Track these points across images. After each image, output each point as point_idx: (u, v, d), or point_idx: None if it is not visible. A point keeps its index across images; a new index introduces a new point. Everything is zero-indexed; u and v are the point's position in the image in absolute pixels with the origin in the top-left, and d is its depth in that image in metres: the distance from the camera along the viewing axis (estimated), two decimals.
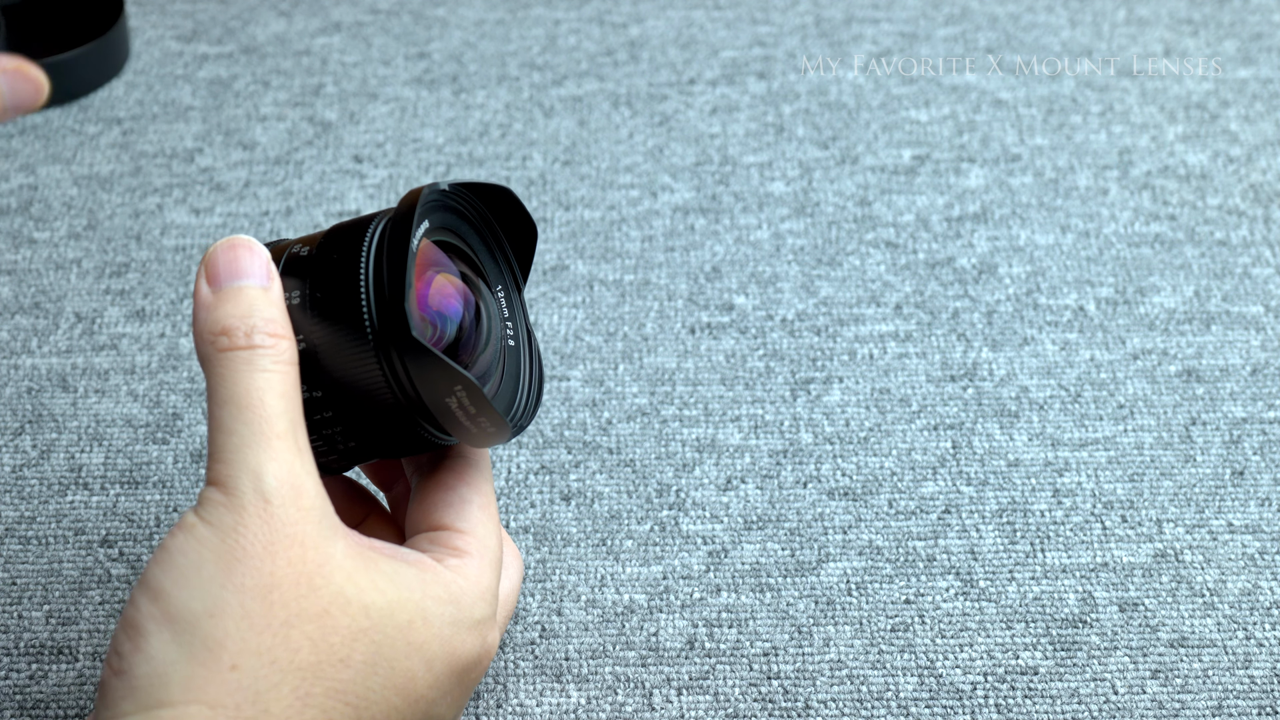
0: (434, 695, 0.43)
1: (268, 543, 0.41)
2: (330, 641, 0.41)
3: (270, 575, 0.40)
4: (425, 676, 0.43)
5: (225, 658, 0.39)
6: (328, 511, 0.42)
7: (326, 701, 0.41)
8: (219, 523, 0.41)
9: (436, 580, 0.44)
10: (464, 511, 0.47)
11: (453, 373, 0.42)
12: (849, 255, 0.70)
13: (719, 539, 0.58)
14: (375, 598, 0.42)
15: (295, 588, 0.41)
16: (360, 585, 0.42)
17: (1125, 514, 0.59)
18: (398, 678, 0.42)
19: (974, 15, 0.86)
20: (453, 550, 0.46)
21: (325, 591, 0.41)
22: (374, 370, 0.43)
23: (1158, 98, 0.80)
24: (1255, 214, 0.72)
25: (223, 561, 0.40)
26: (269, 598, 0.40)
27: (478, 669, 0.45)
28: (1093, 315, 0.67)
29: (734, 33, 0.84)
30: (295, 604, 0.40)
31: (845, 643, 0.54)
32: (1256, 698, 0.53)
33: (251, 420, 0.41)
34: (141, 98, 0.79)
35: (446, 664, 0.44)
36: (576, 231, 0.71)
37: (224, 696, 0.39)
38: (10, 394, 0.63)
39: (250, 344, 0.42)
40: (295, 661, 0.40)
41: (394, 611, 0.42)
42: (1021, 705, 0.52)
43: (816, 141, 0.77)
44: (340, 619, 0.41)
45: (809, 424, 0.62)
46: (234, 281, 0.43)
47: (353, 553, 0.42)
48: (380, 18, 0.85)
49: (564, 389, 0.63)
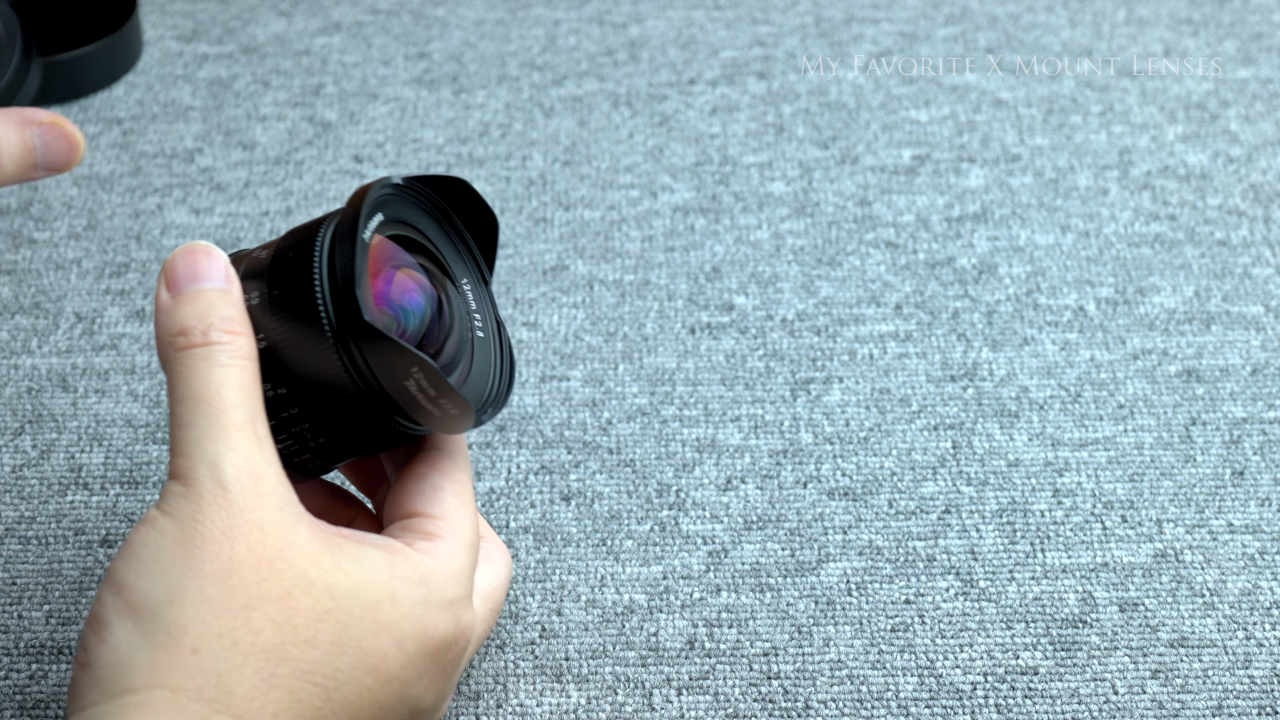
0: (408, 675, 0.43)
1: (226, 528, 0.41)
2: (294, 623, 0.41)
3: (229, 560, 0.41)
4: (397, 656, 0.43)
5: (186, 642, 0.40)
6: (289, 499, 0.43)
7: (293, 682, 0.41)
8: (178, 513, 0.41)
9: (405, 562, 0.44)
10: (436, 498, 0.47)
11: (408, 355, 0.42)
12: (849, 255, 0.70)
13: (719, 539, 0.58)
14: (340, 579, 0.42)
15: (255, 571, 0.41)
16: (324, 568, 0.42)
17: (1125, 514, 0.59)
18: (367, 657, 0.42)
19: (974, 15, 0.86)
20: (424, 534, 0.46)
21: (287, 574, 0.41)
22: (334, 361, 0.43)
23: (1158, 98, 0.80)
24: (1255, 214, 0.72)
25: (182, 549, 0.41)
26: (228, 581, 0.40)
27: (453, 649, 0.45)
28: (1093, 315, 0.67)
29: (734, 33, 0.84)
30: (256, 587, 0.41)
31: (845, 643, 0.54)
32: (1256, 698, 0.53)
33: (209, 413, 0.42)
34: (141, 98, 0.79)
35: (418, 643, 0.43)
36: (576, 231, 0.71)
37: (186, 680, 0.39)
38: (10, 394, 0.63)
39: (207, 341, 0.43)
40: (258, 643, 0.40)
41: (360, 592, 0.42)
42: (1021, 705, 0.52)
43: (816, 141, 0.77)
44: (303, 600, 0.41)
45: (809, 424, 0.62)
46: (192, 285, 0.44)
47: (317, 537, 0.42)
48: (380, 18, 0.85)
49: (564, 389, 0.63)
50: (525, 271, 0.69)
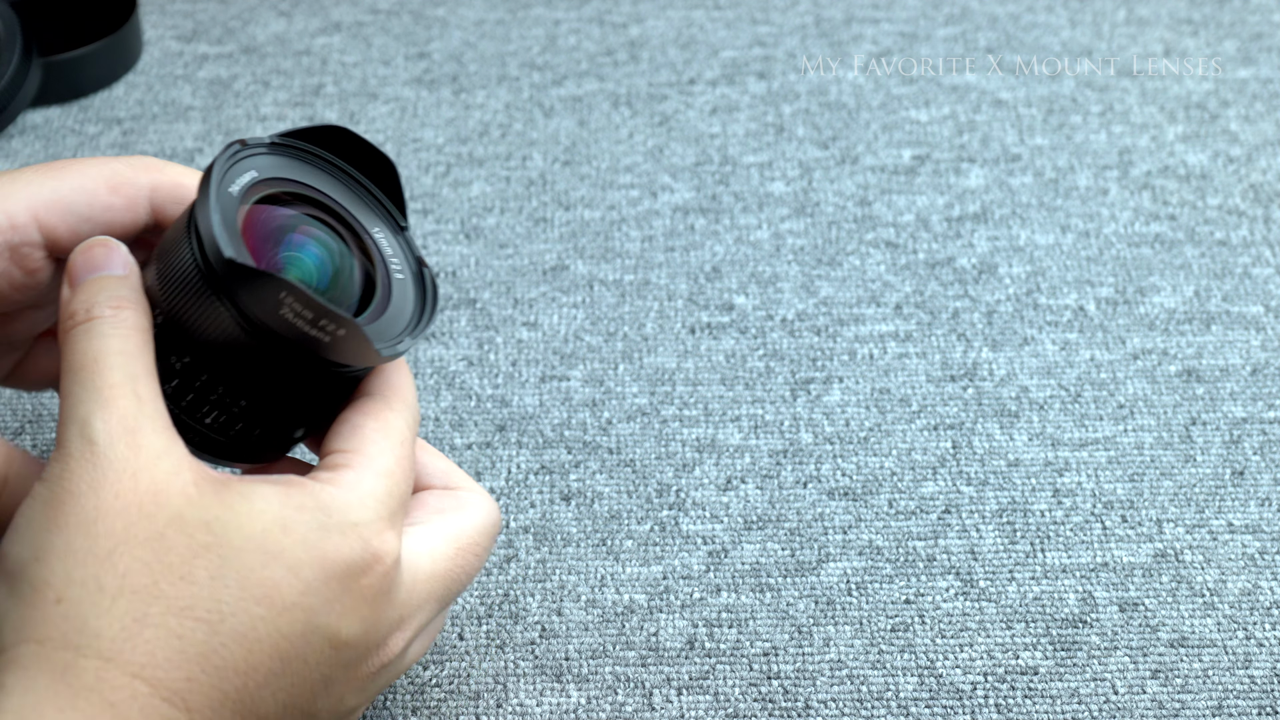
0: (312, 603, 0.42)
1: (92, 481, 0.41)
2: (166, 561, 0.40)
3: (94, 509, 0.41)
4: (293, 583, 0.42)
5: (50, 594, 0.40)
6: (172, 451, 0.42)
7: (169, 619, 0.40)
8: (48, 476, 0.41)
9: (301, 491, 0.43)
10: (353, 435, 0.46)
11: (273, 281, 0.42)
12: (849, 255, 0.70)
13: (719, 539, 0.58)
14: (220, 513, 0.41)
15: (123, 516, 0.41)
16: (204, 506, 0.41)
17: (1125, 514, 0.59)
18: (255, 588, 0.41)
19: (974, 15, 0.86)
20: (330, 467, 0.45)
21: (160, 516, 0.41)
22: (218, 311, 0.44)
23: (1158, 98, 0.80)
24: (1255, 214, 0.72)
25: (49, 508, 0.41)
26: (92, 530, 0.40)
27: (370, 574, 0.43)
28: (1093, 315, 0.67)
29: (734, 33, 0.84)
30: (124, 531, 0.40)
31: (845, 643, 0.54)
32: (1256, 698, 0.53)
33: (85, 380, 0.42)
34: (141, 98, 0.79)
35: (317, 569, 0.42)
36: (576, 231, 0.71)
37: (50, 630, 0.39)
38: (10, 394, 0.63)
39: (89, 317, 0.44)
40: (126, 584, 0.40)
41: (243, 525, 0.42)
42: (1021, 705, 0.52)
43: (816, 141, 0.77)
44: (177, 539, 0.41)
45: (809, 424, 0.62)
46: (89, 275, 0.45)
47: (202, 482, 0.42)
48: (380, 18, 0.85)
49: (564, 389, 0.63)
50: (525, 271, 0.69)
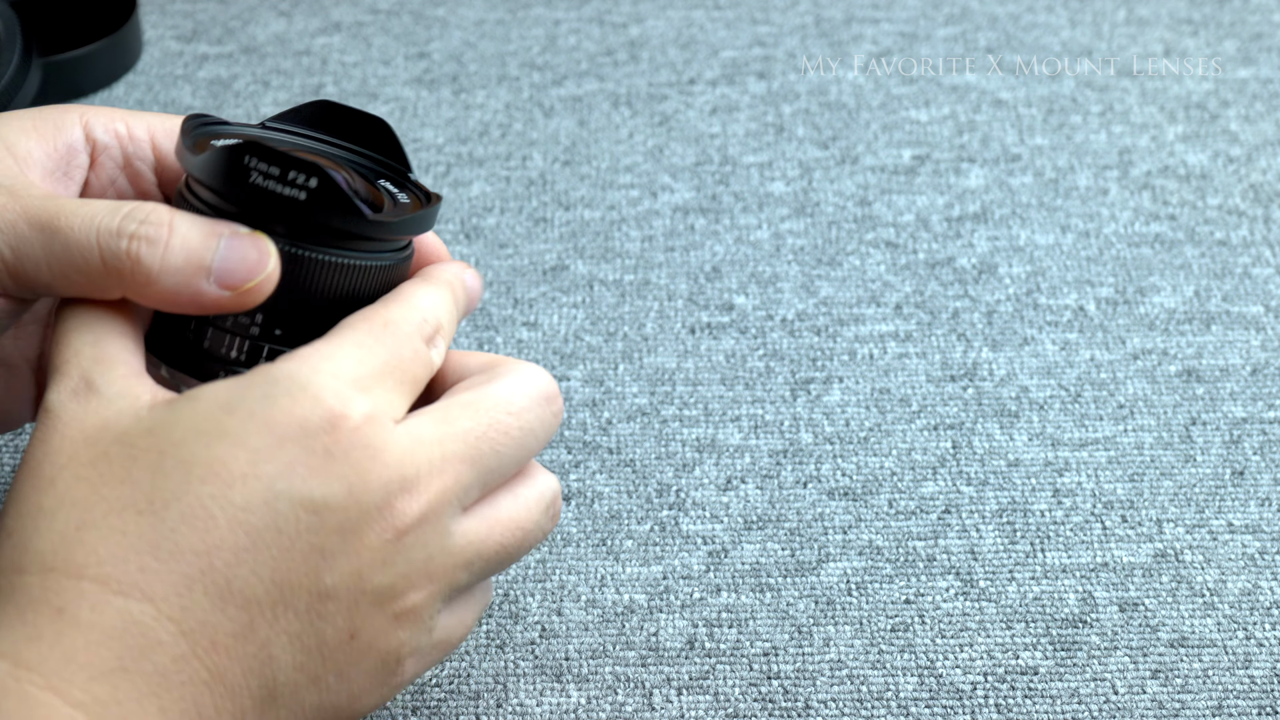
0: (267, 469, 0.41)
1: (43, 436, 0.42)
2: (106, 472, 0.40)
3: (42, 455, 0.41)
4: (238, 455, 0.41)
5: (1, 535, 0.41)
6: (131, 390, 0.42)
7: (110, 519, 0.40)
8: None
9: (254, 374, 0.42)
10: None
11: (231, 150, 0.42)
12: (849, 255, 0.70)
13: (719, 539, 0.58)
14: (164, 416, 0.41)
15: (67, 449, 0.41)
16: (150, 419, 0.41)
17: (1125, 514, 0.59)
18: (198, 469, 0.40)
19: (974, 15, 0.86)
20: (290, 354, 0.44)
21: (103, 440, 0.41)
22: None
23: (1158, 98, 0.80)
24: (1255, 214, 0.72)
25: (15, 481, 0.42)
26: (38, 470, 0.41)
27: (335, 431, 0.41)
28: (1093, 315, 0.67)
29: (734, 33, 0.84)
30: (67, 459, 0.41)
31: (845, 643, 0.54)
32: (1256, 698, 0.53)
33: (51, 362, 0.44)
34: (141, 98, 0.79)
35: (266, 435, 0.41)
36: (576, 231, 0.71)
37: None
38: None
39: None
40: (64, 499, 0.40)
41: (184, 415, 0.41)
42: (1021, 705, 0.52)
43: (816, 141, 0.77)
44: (117, 451, 0.41)
45: (809, 424, 0.62)
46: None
47: (158, 403, 0.42)
48: (380, 18, 0.85)
49: (564, 389, 0.63)
50: (525, 271, 0.69)
